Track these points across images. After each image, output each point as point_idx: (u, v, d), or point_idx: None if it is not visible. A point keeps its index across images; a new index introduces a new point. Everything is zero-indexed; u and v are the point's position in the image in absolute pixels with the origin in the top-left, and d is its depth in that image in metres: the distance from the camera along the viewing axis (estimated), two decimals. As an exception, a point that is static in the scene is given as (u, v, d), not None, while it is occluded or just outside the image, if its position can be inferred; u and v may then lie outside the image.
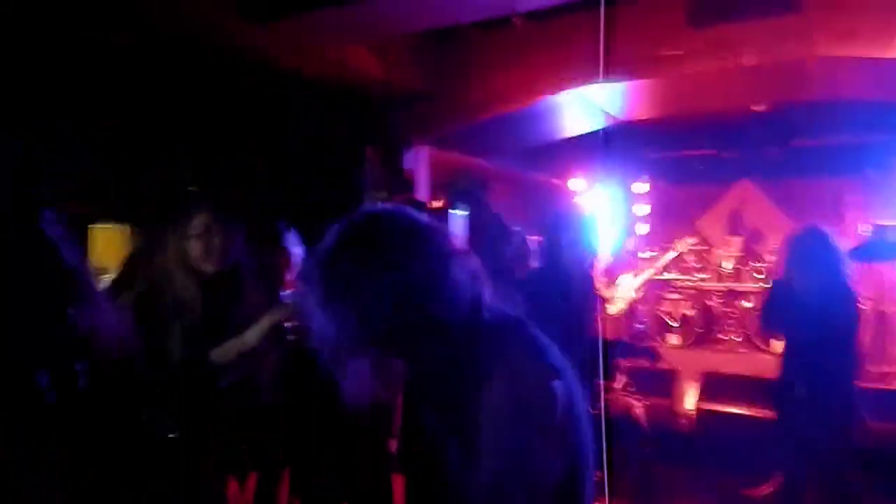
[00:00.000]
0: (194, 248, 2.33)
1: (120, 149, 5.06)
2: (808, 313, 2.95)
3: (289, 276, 2.89)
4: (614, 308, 5.68)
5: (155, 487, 2.30)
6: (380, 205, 1.22)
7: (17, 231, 2.12)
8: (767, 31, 4.37)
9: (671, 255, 6.11)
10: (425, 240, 1.13)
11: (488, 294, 1.20)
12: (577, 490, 1.19)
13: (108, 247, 7.41)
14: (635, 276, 5.93)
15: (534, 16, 4.26)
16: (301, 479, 2.79)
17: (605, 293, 5.79)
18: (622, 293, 5.87)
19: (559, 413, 1.11)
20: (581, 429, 1.20)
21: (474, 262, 1.20)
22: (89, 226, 6.58)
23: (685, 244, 6.19)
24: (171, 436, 2.32)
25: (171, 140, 5.22)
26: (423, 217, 1.18)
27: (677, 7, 4.55)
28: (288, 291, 2.37)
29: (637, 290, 5.88)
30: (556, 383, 1.13)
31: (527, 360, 1.14)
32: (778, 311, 3.18)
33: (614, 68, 4.72)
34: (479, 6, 3.82)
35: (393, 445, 2.78)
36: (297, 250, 2.96)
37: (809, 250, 3.09)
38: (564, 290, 3.04)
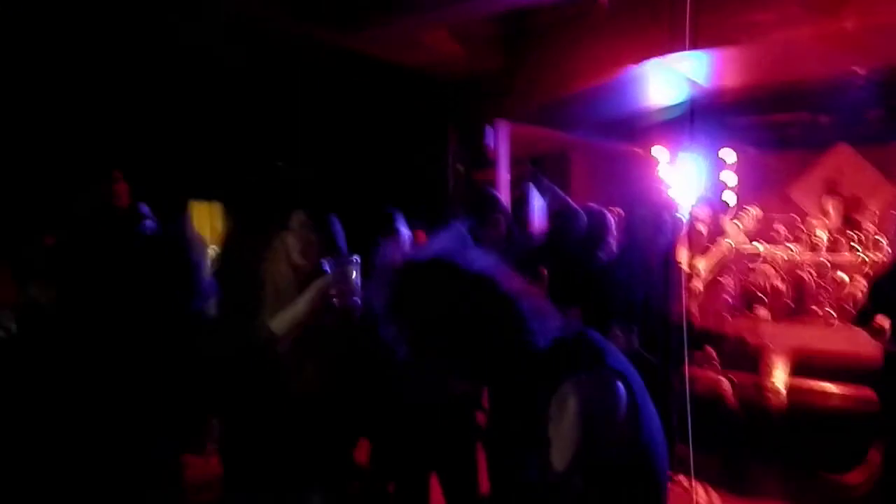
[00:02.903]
0: (293, 244, 2.51)
1: (214, 130, 5.36)
2: None
3: (399, 258, 3.04)
4: (699, 282, 5.60)
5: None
6: (433, 255, 1.32)
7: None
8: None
9: (739, 226, 5.96)
10: (485, 288, 1.25)
11: (549, 319, 1.31)
12: (648, 479, 1.29)
13: (204, 222, 7.87)
14: (713, 249, 5.82)
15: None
16: (384, 448, 2.96)
17: (690, 266, 5.71)
18: (705, 266, 5.78)
19: (622, 409, 1.22)
20: (647, 421, 1.31)
21: (530, 295, 1.31)
22: (189, 201, 7.03)
23: (750, 215, 6.01)
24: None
25: (264, 124, 5.49)
26: (478, 262, 1.29)
27: (770, -30, 4.35)
28: (330, 261, 2.49)
29: (717, 263, 5.78)
30: (619, 383, 1.23)
31: (591, 367, 1.24)
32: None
33: (701, 36, 4.58)
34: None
35: (479, 419, 2.90)
36: (405, 232, 3.11)
37: None
38: (648, 269, 3.04)
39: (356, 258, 2.54)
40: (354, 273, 2.50)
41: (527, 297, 1.30)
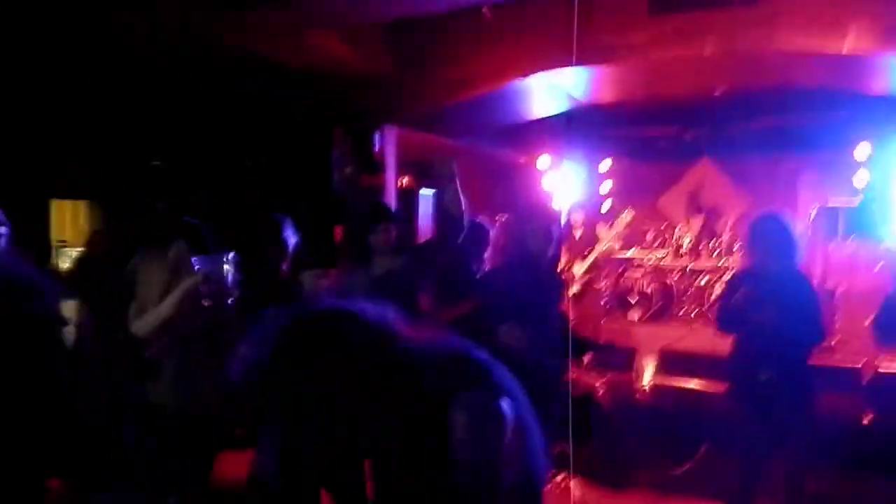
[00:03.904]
0: (171, 274, 2.41)
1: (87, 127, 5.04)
2: (771, 297, 3.03)
3: (285, 267, 2.96)
4: (575, 287, 5.89)
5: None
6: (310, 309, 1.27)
7: None
8: (729, 21, 4.50)
9: (613, 231, 6.34)
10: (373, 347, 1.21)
11: (433, 330, 1.31)
12: (531, 491, 1.35)
13: (66, 219, 7.34)
14: (587, 255, 6.15)
15: (502, 4, 4.31)
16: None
17: (571, 272, 5.99)
18: (580, 271, 6.09)
19: (509, 430, 1.24)
20: (532, 437, 1.35)
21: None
22: (50, 200, 6.54)
23: (624, 219, 6.41)
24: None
25: (139, 122, 5.21)
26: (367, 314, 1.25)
27: (642, -4, 4.65)
28: (199, 258, 2.41)
29: (590, 268, 6.11)
30: (504, 401, 1.25)
31: (472, 387, 1.25)
32: (741, 300, 3.15)
33: (581, 54, 4.82)
34: (450, -3, 3.86)
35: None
36: (292, 239, 3.03)
37: (767, 236, 3.18)
38: (533, 278, 3.17)
39: (229, 255, 2.44)
40: (227, 271, 2.41)
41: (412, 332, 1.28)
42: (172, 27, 4.10)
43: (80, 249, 5.54)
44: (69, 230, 7.56)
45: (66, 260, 7.11)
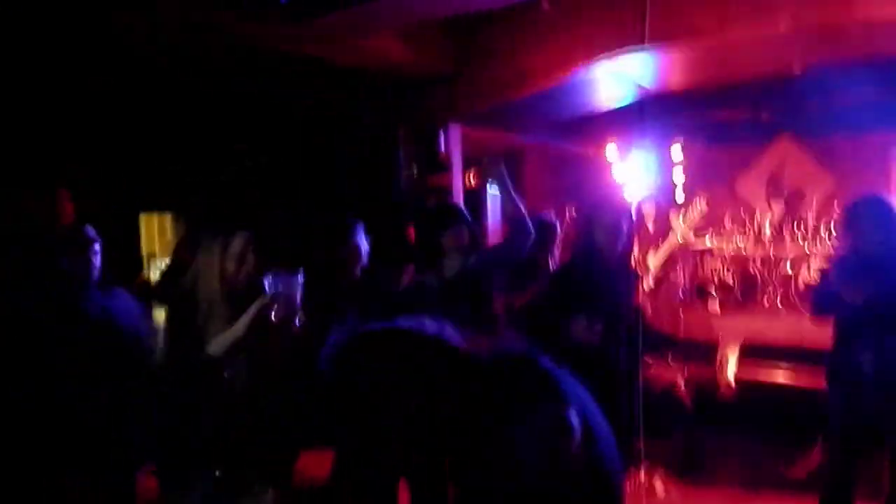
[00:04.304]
0: (229, 266, 2.46)
1: (166, 141, 5.26)
2: (879, 283, 2.84)
3: (357, 269, 3.00)
4: (650, 279, 5.72)
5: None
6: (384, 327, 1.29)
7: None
8: (804, -6, 4.27)
9: (687, 220, 6.10)
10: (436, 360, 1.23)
11: (499, 340, 1.30)
12: (605, 494, 1.31)
13: (155, 233, 7.71)
14: (660, 245, 5.94)
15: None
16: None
17: (641, 264, 5.83)
18: (655, 262, 5.90)
19: (576, 440, 1.22)
20: (602, 441, 1.31)
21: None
22: (140, 213, 6.88)
23: (697, 207, 6.15)
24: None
25: (213, 133, 5.40)
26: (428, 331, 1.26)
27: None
28: (269, 278, 2.43)
29: (666, 259, 5.91)
30: (571, 412, 1.22)
31: (540, 397, 1.23)
32: (844, 284, 2.96)
33: (648, 38, 4.67)
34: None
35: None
36: (364, 245, 3.06)
37: (866, 218, 3.02)
38: (603, 271, 3.09)
39: (299, 277, 2.47)
40: (297, 291, 2.44)
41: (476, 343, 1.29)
42: (241, 38, 4.22)
43: (167, 261, 5.80)
44: (158, 243, 7.95)
45: (155, 272, 7.48)
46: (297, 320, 2.37)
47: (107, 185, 4.94)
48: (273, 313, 2.32)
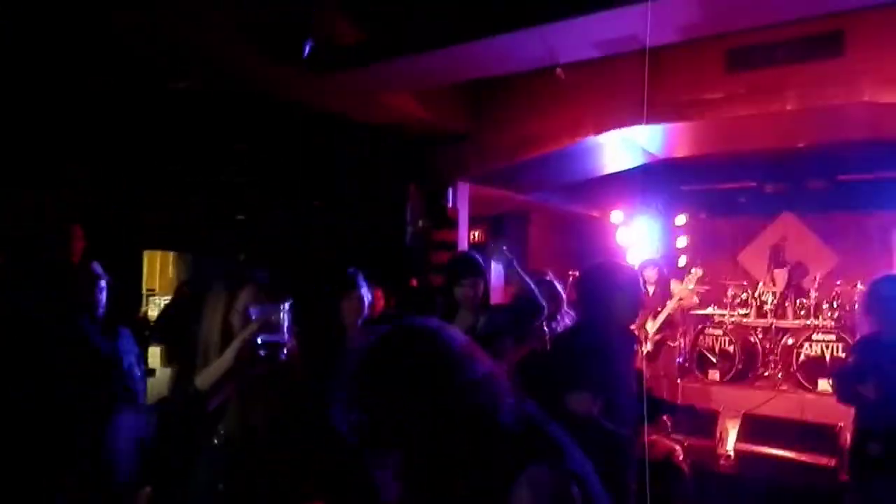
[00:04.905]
0: (236, 321, 2.46)
1: (177, 182, 5.34)
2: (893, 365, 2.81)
3: (359, 320, 3.01)
4: (648, 345, 5.71)
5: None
6: (414, 325, 1.29)
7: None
8: (810, 76, 4.40)
9: (684, 287, 6.10)
10: (453, 367, 1.23)
11: (510, 402, 1.29)
12: None
13: (156, 269, 7.73)
14: (660, 311, 5.93)
15: (576, 63, 4.37)
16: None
17: (644, 329, 5.83)
18: (653, 327, 5.89)
19: None
20: None
21: (499, 376, 1.29)
22: (143, 250, 6.92)
23: (695, 275, 6.16)
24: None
25: (223, 173, 5.49)
26: (455, 338, 1.27)
27: (717, 52, 4.61)
28: (256, 307, 2.42)
29: (663, 325, 5.89)
30: (574, 489, 1.21)
31: (546, 467, 1.21)
32: (866, 366, 2.94)
33: (654, 112, 4.80)
34: (523, 59, 3.94)
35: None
36: (366, 293, 3.08)
37: (889, 298, 2.96)
38: (609, 339, 3.09)
39: (285, 304, 2.46)
40: (284, 319, 2.42)
41: (496, 373, 1.28)
42: (263, 83, 4.33)
43: (167, 299, 5.81)
44: (159, 280, 7.98)
45: (154, 308, 7.50)
46: (283, 351, 2.35)
47: (114, 221, 5.00)
48: (259, 342, 2.30)
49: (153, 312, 7.10)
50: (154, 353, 5.34)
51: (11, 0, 3.26)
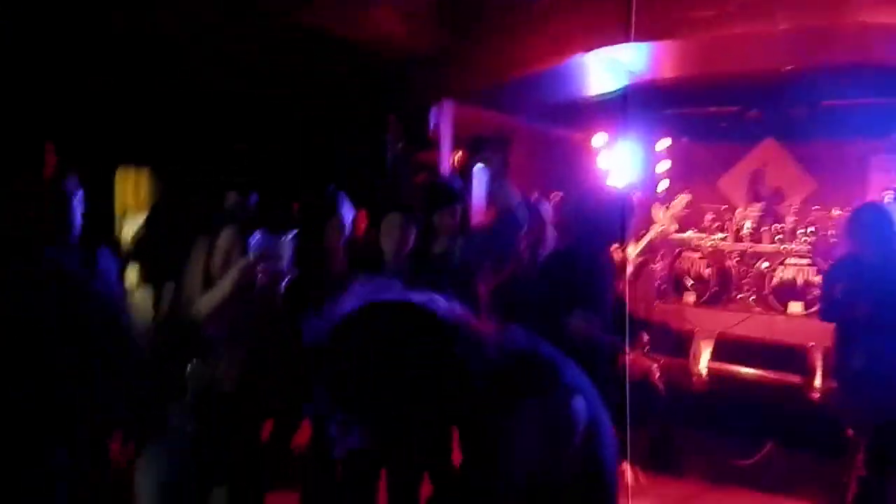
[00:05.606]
0: (216, 261, 2.41)
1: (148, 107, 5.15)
2: (872, 286, 2.97)
3: (341, 242, 2.98)
4: (629, 268, 5.76)
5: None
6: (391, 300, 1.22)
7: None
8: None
9: (668, 213, 6.15)
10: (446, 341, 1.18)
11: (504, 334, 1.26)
12: (603, 483, 1.31)
13: (130, 190, 7.54)
14: (642, 236, 5.98)
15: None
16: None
17: (625, 253, 5.87)
18: (635, 251, 5.94)
19: (580, 429, 1.21)
20: (603, 429, 1.31)
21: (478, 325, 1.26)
22: (116, 169, 6.72)
23: (680, 201, 6.21)
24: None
25: (199, 94, 5.29)
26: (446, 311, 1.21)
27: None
28: (256, 236, 2.39)
29: (644, 250, 5.96)
30: (576, 400, 1.22)
31: (546, 387, 1.22)
32: (858, 286, 3.07)
33: (642, 29, 4.66)
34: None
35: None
36: (348, 214, 3.04)
37: (869, 224, 3.12)
38: (589, 265, 3.10)
39: (289, 236, 2.43)
40: (285, 253, 2.40)
41: (474, 323, 1.23)
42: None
43: (140, 219, 5.69)
44: (131, 198, 7.77)
45: (128, 228, 7.34)
46: (283, 283, 2.33)
47: (87, 135, 4.82)
48: (259, 273, 2.29)
49: (127, 233, 6.94)
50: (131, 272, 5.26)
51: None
